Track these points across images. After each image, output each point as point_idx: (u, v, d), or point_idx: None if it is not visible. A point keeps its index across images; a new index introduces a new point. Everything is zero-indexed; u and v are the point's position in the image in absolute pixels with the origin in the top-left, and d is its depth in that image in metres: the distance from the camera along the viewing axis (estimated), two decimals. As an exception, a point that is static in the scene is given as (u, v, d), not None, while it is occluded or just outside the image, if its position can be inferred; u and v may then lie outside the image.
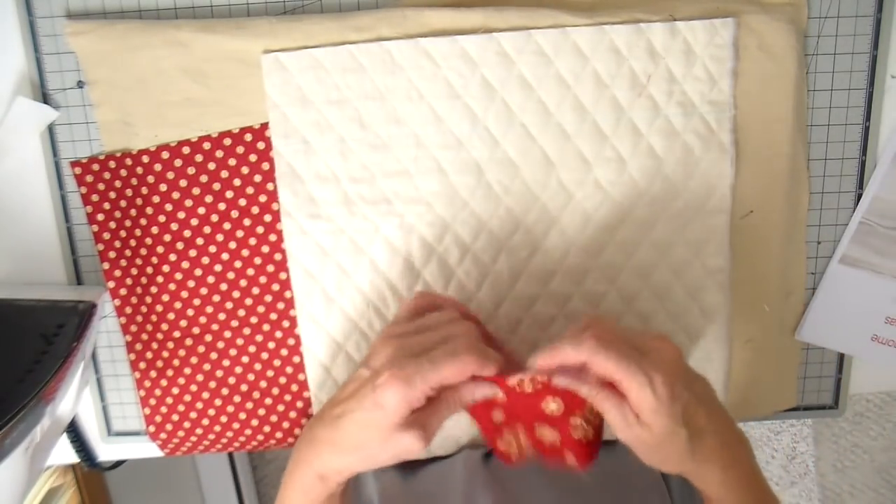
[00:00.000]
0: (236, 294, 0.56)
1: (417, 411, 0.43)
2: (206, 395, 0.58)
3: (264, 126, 0.53)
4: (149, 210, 0.55)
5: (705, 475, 0.44)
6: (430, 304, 0.48)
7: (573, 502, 0.50)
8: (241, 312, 0.57)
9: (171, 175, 0.54)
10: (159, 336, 0.57)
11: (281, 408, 0.58)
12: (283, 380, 0.58)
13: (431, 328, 0.45)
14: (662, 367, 0.41)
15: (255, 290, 0.56)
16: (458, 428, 0.57)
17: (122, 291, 0.57)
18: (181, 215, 0.55)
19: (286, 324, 0.57)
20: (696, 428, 0.42)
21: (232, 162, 0.54)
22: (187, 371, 0.58)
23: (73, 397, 0.55)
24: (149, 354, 0.58)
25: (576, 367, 0.42)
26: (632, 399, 0.41)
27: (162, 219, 0.55)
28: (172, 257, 0.55)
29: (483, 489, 0.49)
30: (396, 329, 0.46)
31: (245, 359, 0.57)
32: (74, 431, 0.60)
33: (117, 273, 0.56)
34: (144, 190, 0.55)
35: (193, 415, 0.58)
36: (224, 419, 0.59)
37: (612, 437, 0.58)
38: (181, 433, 0.59)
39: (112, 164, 0.54)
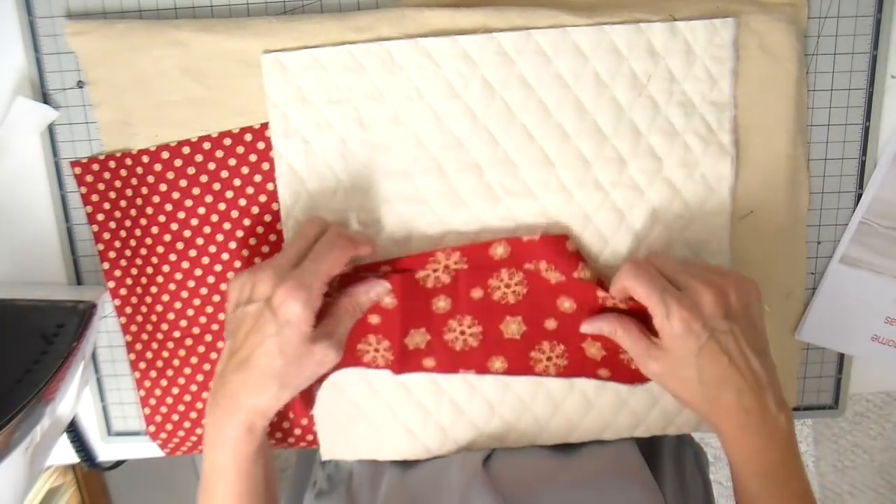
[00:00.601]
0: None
1: (321, 324, 0.44)
2: (205, 395, 0.58)
3: (264, 126, 0.53)
4: (149, 210, 0.55)
5: (718, 425, 0.46)
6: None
7: None
8: (241, 312, 0.57)
9: (171, 175, 0.54)
10: (159, 336, 0.57)
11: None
12: (283, 380, 0.58)
13: (294, 244, 0.47)
14: (686, 303, 0.44)
15: (255, 290, 0.56)
16: (457, 428, 0.57)
17: (122, 291, 0.57)
18: (181, 215, 0.55)
19: (286, 324, 0.57)
20: (713, 374, 0.44)
21: (232, 162, 0.54)
22: (187, 371, 0.58)
23: (73, 397, 0.55)
24: (149, 354, 0.58)
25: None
26: (655, 324, 0.45)
27: (162, 219, 0.55)
28: (172, 257, 0.55)
29: (480, 493, 0.49)
30: (257, 265, 0.47)
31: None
32: (74, 431, 0.60)
33: (117, 273, 0.56)
34: (144, 190, 0.55)
35: (193, 415, 0.58)
36: (224, 419, 0.59)
37: (612, 436, 0.58)
38: (181, 433, 0.59)
39: (112, 164, 0.54)
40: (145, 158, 0.54)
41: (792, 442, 0.45)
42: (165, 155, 0.54)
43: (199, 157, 0.54)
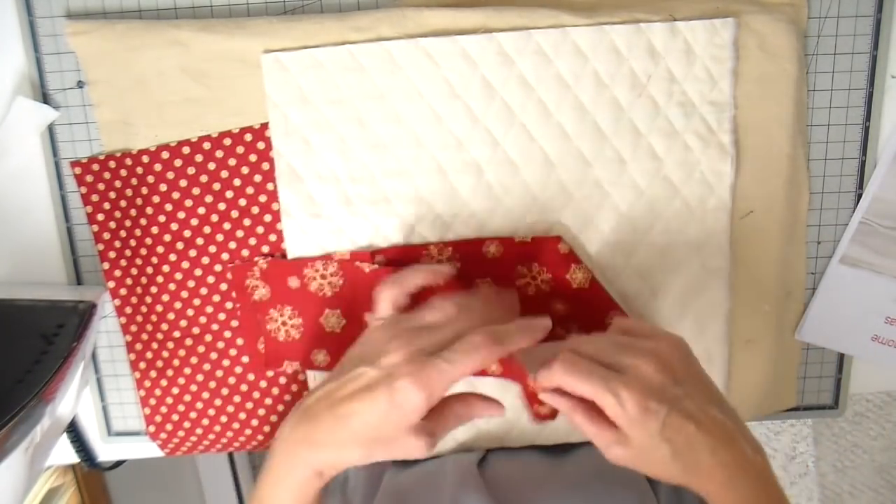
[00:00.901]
0: (236, 294, 0.56)
1: (427, 418, 0.42)
2: (206, 395, 0.58)
3: (264, 126, 0.53)
4: (149, 210, 0.55)
5: (702, 489, 0.43)
6: (407, 290, 0.47)
7: None
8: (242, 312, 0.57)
9: (171, 175, 0.54)
10: (159, 336, 0.57)
11: (281, 408, 0.58)
12: (283, 380, 0.58)
13: (438, 325, 0.44)
14: (635, 384, 0.40)
15: (255, 290, 0.56)
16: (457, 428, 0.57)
17: (122, 291, 0.57)
18: (181, 215, 0.55)
19: (286, 324, 0.57)
20: (683, 443, 0.40)
21: (232, 162, 0.54)
22: (187, 371, 0.58)
23: (73, 397, 0.55)
24: (149, 354, 0.58)
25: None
26: (608, 416, 0.41)
27: (162, 219, 0.55)
28: (172, 257, 0.55)
29: (474, 494, 0.49)
30: (398, 326, 0.45)
31: (245, 359, 0.57)
32: (74, 431, 0.60)
33: (117, 273, 0.56)
34: (144, 190, 0.55)
35: (193, 415, 0.58)
36: (224, 419, 0.59)
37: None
38: (181, 433, 0.59)
39: (112, 164, 0.54)
40: (145, 158, 0.54)
41: (772, 478, 0.43)
42: (165, 155, 0.54)
43: (199, 157, 0.54)
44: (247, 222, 0.55)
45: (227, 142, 0.54)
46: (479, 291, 0.52)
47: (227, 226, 0.55)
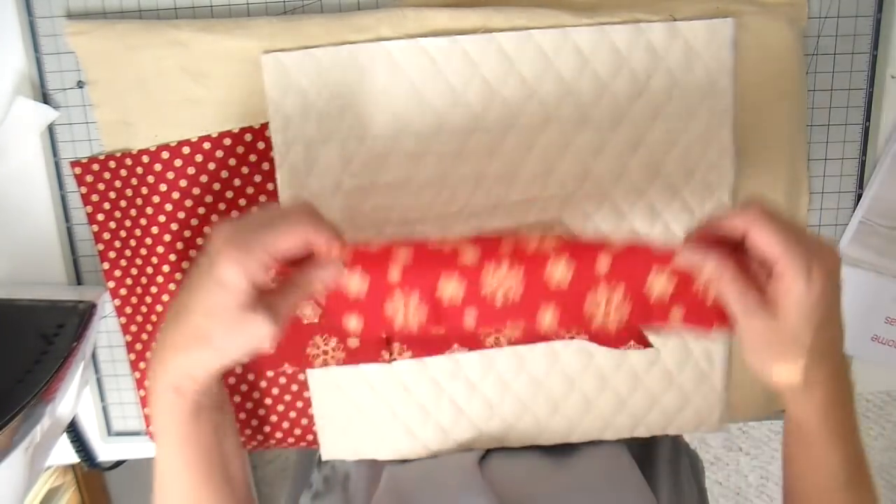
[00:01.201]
0: None
1: (265, 295, 0.41)
2: (206, 395, 0.58)
3: (264, 126, 0.53)
4: (149, 210, 0.55)
5: (806, 397, 0.41)
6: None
7: None
8: (241, 312, 0.57)
9: (171, 175, 0.54)
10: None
11: (281, 408, 0.58)
12: (283, 380, 0.58)
13: (266, 213, 0.42)
14: (825, 262, 0.38)
15: (255, 290, 0.56)
16: (457, 428, 0.57)
17: (122, 291, 0.57)
18: (181, 215, 0.55)
19: (286, 324, 0.57)
20: (819, 346, 0.39)
21: (232, 162, 0.54)
22: (187, 371, 0.58)
23: (73, 397, 0.55)
24: (149, 354, 0.58)
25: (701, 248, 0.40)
26: (783, 282, 0.38)
27: (162, 219, 0.55)
28: (172, 257, 0.55)
29: (476, 494, 0.49)
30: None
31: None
32: (74, 431, 0.60)
33: (117, 273, 0.56)
34: (144, 190, 0.55)
35: (193, 415, 0.58)
36: (224, 419, 0.59)
37: (612, 436, 0.58)
38: (181, 433, 0.59)
39: (112, 164, 0.54)
40: (145, 158, 0.54)
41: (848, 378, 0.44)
42: (165, 155, 0.54)
43: (199, 157, 0.54)
44: (247, 222, 0.55)
45: (227, 142, 0.54)
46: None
47: (227, 226, 0.55)
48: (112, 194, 0.55)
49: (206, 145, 0.54)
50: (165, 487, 0.48)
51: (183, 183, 0.54)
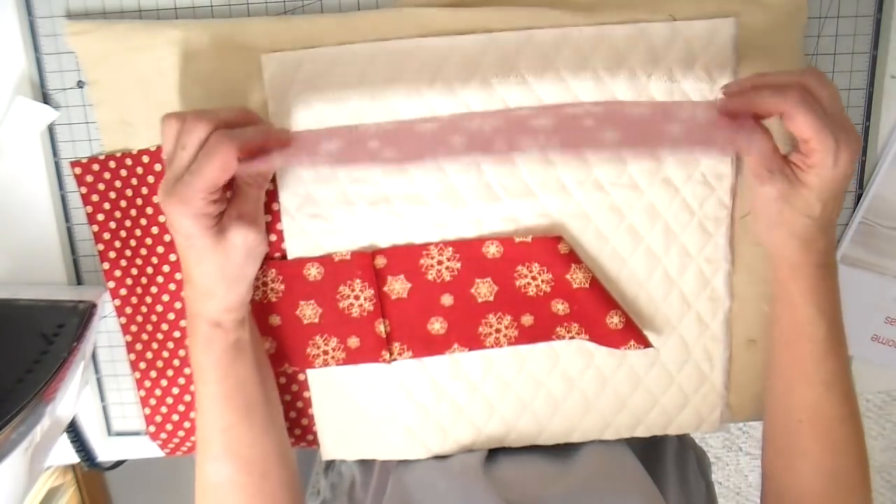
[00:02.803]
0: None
1: (226, 211, 0.46)
2: (206, 395, 0.58)
3: (264, 126, 0.53)
4: (149, 210, 0.55)
5: (802, 264, 0.46)
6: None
7: None
8: (241, 312, 0.57)
9: (171, 175, 0.54)
10: (159, 336, 0.57)
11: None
12: (282, 380, 0.58)
13: (188, 146, 0.44)
14: (850, 145, 0.42)
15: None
16: (457, 428, 0.57)
17: (122, 291, 0.57)
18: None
19: (286, 324, 0.57)
20: (826, 216, 0.44)
21: (232, 162, 0.54)
22: (187, 371, 0.58)
23: (73, 397, 0.55)
24: (149, 354, 0.58)
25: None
26: (811, 158, 0.42)
27: (162, 219, 0.55)
28: (172, 257, 0.55)
29: (482, 495, 0.49)
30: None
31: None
32: (74, 431, 0.60)
33: (117, 273, 0.56)
34: (144, 190, 0.55)
35: (193, 415, 0.58)
36: (224, 419, 0.59)
37: (612, 436, 0.58)
38: (181, 433, 0.59)
39: (112, 164, 0.54)
40: (145, 158, 0.54)
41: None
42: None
43: (199, 157, 0.54)
44: (247, 222, 0.55)
45: (227, 142, 0.54)
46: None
47: (227, 226, 0.55)
48: (112, 194, 0.55)
49: (206, 145, 0.54)
50: (206, 428, 0.50)
51: (183, 183, 0.54)
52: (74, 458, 0.62)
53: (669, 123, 0.43)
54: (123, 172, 0.55)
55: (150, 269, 0.56)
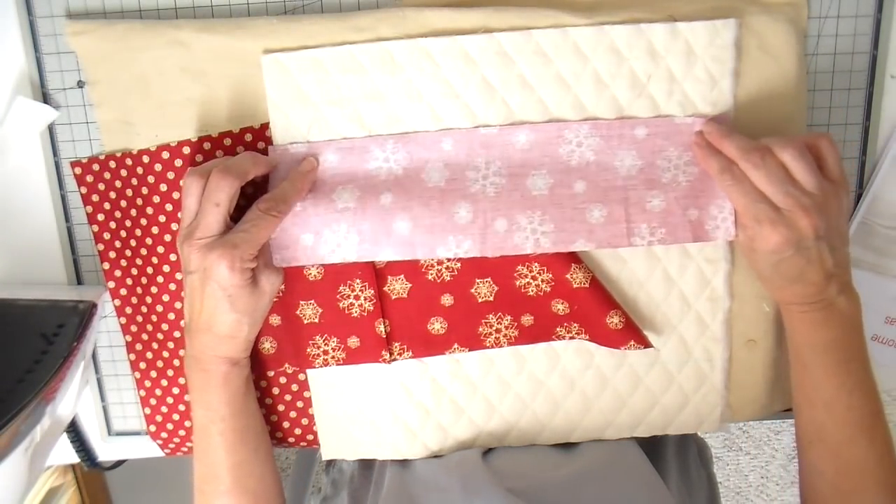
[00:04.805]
0: None
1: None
2: (206, 395, 0.58)
3: (264, 126, 0.53)
4: (149, 210, 0.55)
5: (780, 300, 0.50)
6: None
7: (572, 500, 0.50)
8: (242, 312, 0.57)
9: (171, 175, 0.54)
10: (159, 336, 0.57)
11: (281, 408, 0.58)
12: (283, 379, 0.58)
13: (220, 202, 0.47)
14: (780, 229, 0.45)
15: (256, 290, 0.56)
16: (458, 427, 0.57)
17: (122, 291, 0.57)
18: (181, 215, 0.55)
19: (286, 324, 0.57)
20: (787, 273, 0.47)
21: (232, 162, 0.54)
22: (187, 371, 0.58)
23: (73, 397, 0.55)
24: (149, 354, 0.58)
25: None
26: (745, 223, 0.48)
27: (162, 219, 0.55)
28: (172, 257, 0.55)
29: (482, 484, 0.49)
30: (181, 233, 0.49)
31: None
32: (74, 431, 0.60)
33: (117, 273, 0.56)
34: (144, 190, 0.55)
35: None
36: (224, 419, 0.59)
37: (612, 436, 0.58)
38: (181, 433, 0.59)
39: (112, 164, 0.54)
40: (146, 158, 0.54)
41: (854, 325, 0.49)
42: (166, 155, 0.54)
43: (199, 157, 0.54)
44: (247, 222, 0.55)
45: (227, 142, 0.54)
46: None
47: (227, 226, 0.55)
48: (112, 194, 0.55)
49: (207, 145, 0.54)
50: (216, 467, 0.52)
51: (183, 183, 0.54)
52: (74, 458, 0.62)
53: (653, 190, 0.51)
54: (123, 172, 0.55)
55: (150, 269, 0.56)
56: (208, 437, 0.51)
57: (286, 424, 0.59)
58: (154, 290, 0.56)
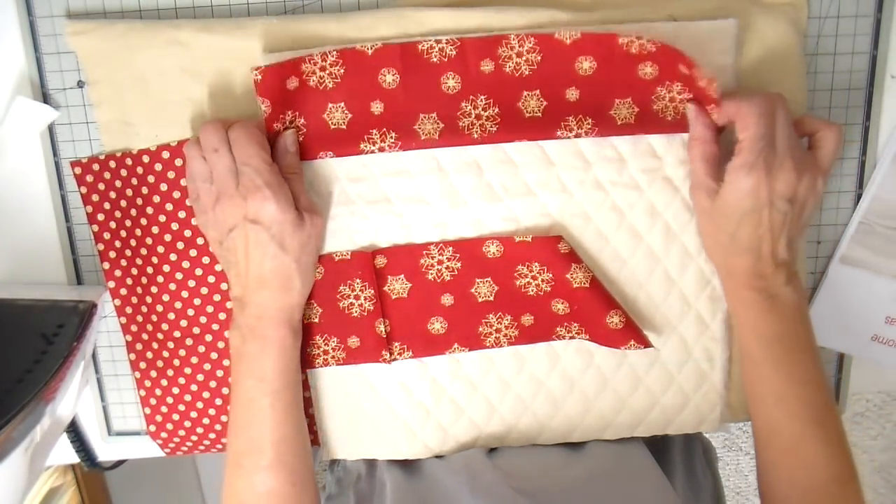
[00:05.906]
0: None
1: (295, 201, 0.49)
2: (206, 394, 0.58)
3: (264, 126, 0.53)
4: (149, 210, 0.55)
5: (727, 282, 0.50)
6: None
7: (579, 501, 0.50)
8: (242, 312, 0.57)
9: (171, 175, 0.54)
10: (159, 336, 0.57)
11: (281, 408, 0.58)
12: (283, 380, 0.58)
13: (217, 147, 0.48)
14: (768, 169, 0.45)
15: (256, 290, 0.56)
16: (458, 427, 0.57)
17: (123, 291, 0.57)
18: (181, 215, 0.55)
19: (286, 324, 0.57)
20: (745, 238, 0.47)
21: (232, 162, 0.54)
22: (187, 371, 0.58)
23: (73, 397, 0.55)
24: (149, 354, 0.58)
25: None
26: (732, 164, 0.46)
27: (162, 219, 0.55)
28: (173, 257, 0.55)
29: (489, 482, 0.49)
30: (204, 188, 0.49)
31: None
32: (74, 431, 0.60)
33: (117, 273, 0.56)
34: (144, 190, 0.55)
35: (194, 414, 0.59)
36: (224, 419, 0.59)
37: (612, 436, 0.58)
38: (181, 433, 0.59)
39: (112, 163, 0.54)
40: (146, 158, 0.54)
41: (801, 317, 0.49)
42: (166, 155, 0.54)
43: (199, 157, 0.54)
44: (247, 222, 0.55)
45: (228, 142, 0.54)
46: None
47: (227, 226, 0.55)
48: (112, 194, 0.55)
49: (207, 145, 0.54)
50: (261, 440, 0.50)
51: (183, 183, 0.54)
52: (74, 458, 0.62)
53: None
54: (123, 172, 0.55)
55: (150, 269, 0.56)
56: (257, 409, 0.50)
57: (286, 424, 0.59)
58: (154, 289, 0.56)
